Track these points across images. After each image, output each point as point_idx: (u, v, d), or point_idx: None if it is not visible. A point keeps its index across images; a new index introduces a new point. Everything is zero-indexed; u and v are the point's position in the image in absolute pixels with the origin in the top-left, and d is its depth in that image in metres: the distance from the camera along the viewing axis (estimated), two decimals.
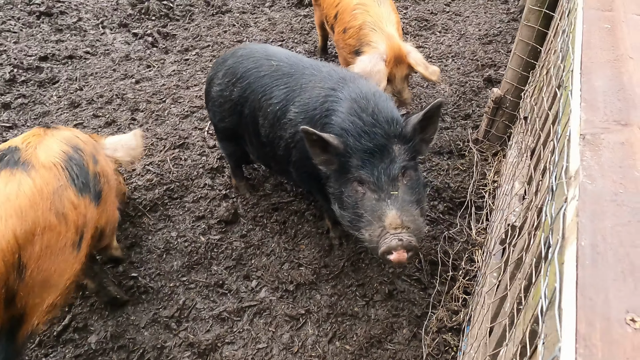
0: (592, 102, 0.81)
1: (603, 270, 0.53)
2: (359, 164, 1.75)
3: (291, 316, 2.26)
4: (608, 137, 0.73)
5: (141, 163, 3.08)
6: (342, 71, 2.16)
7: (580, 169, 0.66)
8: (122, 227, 2.66)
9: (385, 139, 1.75)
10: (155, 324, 2.24)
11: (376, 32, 2.86)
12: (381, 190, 1.71)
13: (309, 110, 2.03)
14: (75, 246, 1.64)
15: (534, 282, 0.98)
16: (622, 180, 0.65)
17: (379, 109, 1.82)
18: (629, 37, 1.01)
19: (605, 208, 0.61)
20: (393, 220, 1.65)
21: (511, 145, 2.56)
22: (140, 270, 2.46)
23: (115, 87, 3.81)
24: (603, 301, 0.50)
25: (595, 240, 0.56)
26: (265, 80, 2.23)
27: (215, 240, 2.63)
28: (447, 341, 2.06)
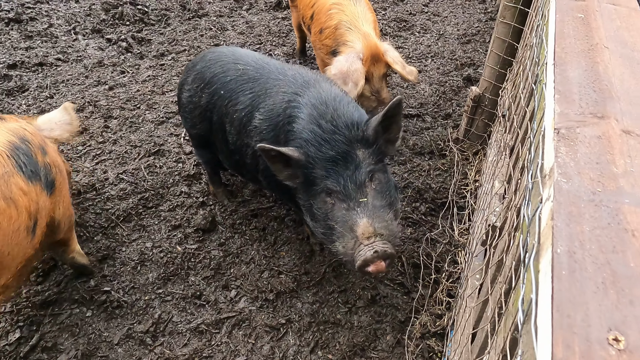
0: (567, 94, 0.76)
1: (581, 281, 0.47)
2: (323, 174, 1.67)
3: (271, 326, 2.18)
4: (584, 131, 0.68)
5: (114, 172, 2.97)
6: (307, 74, 2.08)
7: (555, 166, 0.61)
8: (93, 240, 2.55)
9: (347, 145, 1.68)
10: (129, 340, 2.14)
11: (352, 31, 2.82)
12: (349, 199, 1.63)
13: (273, 116, 1.95)
14: (30, 231, 1.68)
15: (514, 287, 0.93)
16: (600, 178, 0.60)
17: (337, 114, 1.74)
18: (603, 26, 0.97)
19: (583, 209, 0.56)
20: (365, 229, 1.57)
21: (491, 143, 2.53)
22: (113, 283, 2.36)
23: (88, 94, 3.69)
24: (582, 318, 0.44)
25: (572, 246, 0.51)
26: (232, 85, 2.16)
27: (192, 249, 2.54)
28: (431, 347, 2.00)
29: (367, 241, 1.55)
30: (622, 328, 0.44)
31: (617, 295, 0.46)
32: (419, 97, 3.75)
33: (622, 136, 0.67)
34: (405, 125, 3.46)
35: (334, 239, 1.66)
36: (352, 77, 2.65)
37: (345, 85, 2.71)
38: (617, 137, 0.67)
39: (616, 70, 0.82)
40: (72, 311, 2.22)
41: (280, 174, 1.76)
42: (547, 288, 0.47)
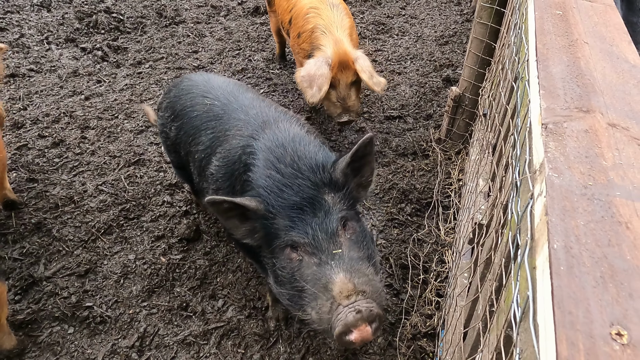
0: (552, 89, 0.77)
1: (580, 277, 0.47)
2: (287, 224, 1.40)
3: (261, 335, 2.15)
4: (571, 125, 0.68)
5: (93, 183, 2.90)
6: (268, 113, 1.85)
7: (546, 161, 0.61)
8: (73, 254, 2.47)
9: (312, 189, 1.44)
10: (114, 356, 2.07)
11: (326, 35, 2.83)
12: (320, 251, 1.35)
13: (228, 164, 1.74)
14: None
15: (505, 284, 0.93)
16: (591, 172, 0.60)
17: (298, 155, 1.52)
18: (582, 22, 0.99)
19: (576, 204, 0.55)
20: (343, 286, 1.27)
21: (473, 142, 2.56)
22: (95, 298, 2.29)
23: (63, 105, 3.60)
24: (584, 314, 0.43)
25: (568, 241, 0.50)
26: (196, 122, 2.00)
27: (177, 260, 2.48)
28: (422, 347, 2.00)
29: (346, 301, 1.25)
30: (624, 322, 0.43)
31: (616, 289, 0.46)
32: (399, 99, 3.78)
33: (609, 129, 0.67)
34: (387, 127, 3.48)
35: (304, 304, 1.36)
36: (317, 82, 2.68)
37: (310, 88, 2.73)
38: (604, 130, 0.67)
39: (597, 65, 0.83)
40: (53, 329, 2.14)
41: (237, 231, 1.50)
42: (547, 285, 0.47)
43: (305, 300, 1.36)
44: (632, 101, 0.74)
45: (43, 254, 2.46)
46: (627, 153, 0.62)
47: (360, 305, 1.24)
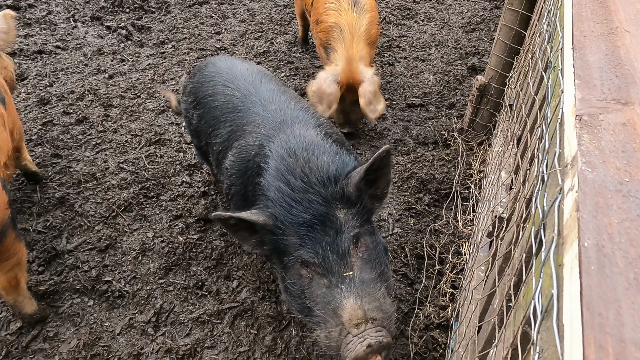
0: (588, 79, 0.73)
1: (612, 277, 0.44)
2: (296, 241, 1.34)
3: (274, 317, 2.17)
4: (607, 118, 0.64)
5: (114, 161, 2.95)
6: (287, 110, 1.77)
7: (579, 154, 0.58)
8: (94, 229, 2.53)
9: (323, 205, 1.35)
10: (131, 330, 2.13)
11: (342, 45, 2.84)
12: (330, 274, 1.29)
13: (242, 161, 1.70)
14: (4, 128, 2.07)
15: (525, 280, 0.91)
16: (627, 167, 0.57)
17: (310, 167, 1.43)
18: (623, 9, 0.93)
19: (610, 200, 0.53)
20: (353, 314, 1.23)
21: (497, 133, 2.50)
22: (114, 273, 2.34)
23: (87, 83, 3.65)
24: (615, 317, 0.41)
25: (600, 239, 0.48)
26: (217, 112, 1.96)
27: (193, 239, 2.52)
28: (435, 338, 1.99)
29: (356, 330, 1.22)
30: None
31: None
32: (422, 87, 3.71)
33: None
34: (408, 115, 3.42)
35: (313, 324, 1.35)
36: (326, 99, 2.74)
37: (320, 104, 2.81)
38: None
39: (639, 55, 0.78)
40: (74, 301, 2.21)
41: (246, 242, 1.46)
42: (575, 284, 0.45)
43: (313, 320, 1.34)
44: None
45: (65, 228, 2.52)
46: None
47: (370, 337, 1.21)
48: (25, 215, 2.58)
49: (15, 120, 2.35)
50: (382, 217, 2.63)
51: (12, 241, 1.82)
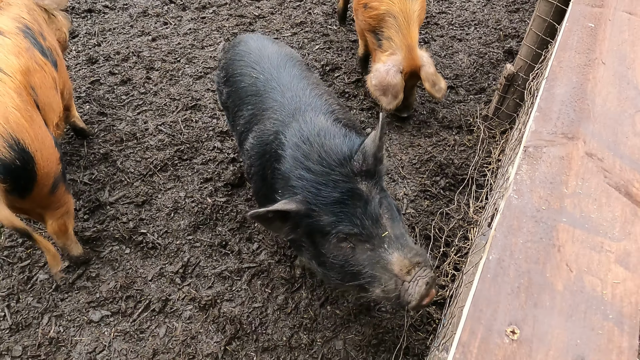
0: (547, 112, 0.81)
1: (501, 284, 0.57)
2: (332, 219, 1.48)
3: (287, 279, 2.38)
4: (550, 151, 0.74)
5: (154, 123, 3.17)
6: (302, 97, 1.88)
7: (512, 183, 0.69)
8: (133, 185, 2.79)
9: (348, 182, 1.49)
10: (161, 278, 2.40)
11: (399, 33, 2.83)
12: (371, 238, 1.46)
13: (261, 145, 1.84)
14: (56, 91, 2.25)
15: None
16: (549, 197, 0.67)
17: (325, 151, 1.56)
18: (609, 38, 0.98)
19: (523, 224, 0.64)
20: (402, 265, 1.42)
21: (516, 126, 2.53)
22: (149, 227, 2.61)
23: (132, 44, 3.86)
24: (491, 313, 0.54)
25: (503, 255, 0.60)
26: (242, 93, 2.08)
27: (221, 202, 2.74)
28: (430, 314, 2.15)
29: (409, 276, 1.41)
30: (521, 324, 0.54)
31: (526, 298, 0.56)
32: (455, 68, 3.70)
33: (584, 158, 0.73)
34: None
35: (363, 285, 1.50)
36: (391, 91, 2.78)
37: (384, 96, 2.85)
38: (579, 159, 0.73)
39: (603, 90, 0.85)
40: (113, 248, 2.50)
41: (280, 231, 1.57)
42: (474, 287, 0.58)
43: (363, 281, 1.50)
44: (620, 131, 0.78)
45: (108, 182, 2.80)
46: (590, 183, 0.69)
47: (423, 276, 1.40)
48: (74, 167, 2.86)
49: (66, 81, 2.55)
50: (397, 197, 2.75)
51: (62, 193, 2.08)
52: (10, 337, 2.13)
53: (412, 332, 2.12)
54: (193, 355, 2.10)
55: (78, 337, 2.16)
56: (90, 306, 2.26)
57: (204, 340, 2.16)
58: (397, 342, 2.10)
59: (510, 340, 0.52)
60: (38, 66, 2.09)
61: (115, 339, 2.16)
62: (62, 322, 2.20)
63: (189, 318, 2.24)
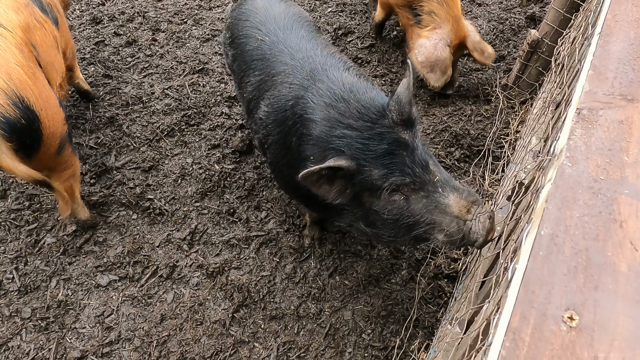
0: (602, 71, 0.72)
1: (555, 263, 0.51)
2: (383, 172, 1.44)
3: (295, 249, 2.35)
4: (607, 114, 0.66)
5: (160, 86, 3.08)
6: (315, 57, 1.81)
7: (565, 148, 0.61)
8: (139, 150, 2.73)
9: (392, 132, 1.46)
10: (168, 244, 2.38)
11: (443, 6, 2.68)
12: (426, 184, 1.44)
13: (278, 111, 1.76)
14: (58, 50, 2.16)
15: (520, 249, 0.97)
16: (607, 166, 0.60)
17: (363, 106, 1.52)
18: None
19: (579, 195, 0.57)
20: (461, 206, 1.41)
21: (539, 95, 2.41)
22: (156, 192, 2.56)
23: (137, 4, 3.70)
24: (545, 296, 0.48)
25: (556, 230, 0.53)
26: (247, 57, 1.98)
27: (229, 169, 2.68)
28: (441, 287, 2.11)
29: (470, 215, 1.41)
30: (580, 309, 0.48)
31: (584, 279, 0.50)
32: None
33: None
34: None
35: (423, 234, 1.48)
36: (439, 66, 2.65)
37: (432, 73, 2.72)
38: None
39: None
40: (120, 213, 2.47)
41: (328, 194, 1.52)
42: (522, 265, 0.52)
43: (420, 230, 1.48)
44: None
45: (114, 147, 2.74)
46: None
47: (483, 212, 1.40)
48: (79, 131, 2.80)
49: (68, 40, 2.46)
50: None
51: (69, 154, 2.03)
52: (19, 299, 2.13)
53: (423, 304, 2.09)
54: (201, 321, 2.10)
55: (86, 300, 2.16)
56: (98, 270, 2.25)
57: (211, 307, 2.15)
58: (406, 315, 2.08)
59: (568, 327, 0.47)
60: (38, 23, 1.99)
61: (123, 303, 2.16)
62: (71, 286, 2.20)
63: (197, 285, 2.23)
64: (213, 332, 2.06)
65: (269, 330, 2.09)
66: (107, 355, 2.01)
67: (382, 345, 2.02)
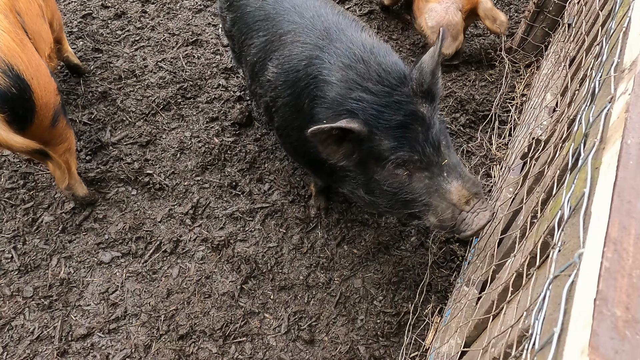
0: None
1: None
2: (394, 144, 1.38)
3: (302, 219, 2.30)
4: None
5: (153, 59, 2.97)
6: (327, 16, 1.70)
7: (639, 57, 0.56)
8: (135, 125, 2.64)
9: (411, 103, 1.37)
10: (170, 219, 2.31)
11: None
12: (432, 165, 1.39)
13: (290, 71, 1.65)
14: (44, 19, 2.08)
15: (554, 194, 0.93)
16: None
17: (384, 70, 1.42)
18: None
19: None
20: (461, 195, 1.37)
21: (548, 55, 2.35)
22: (155, 167, 2.49)
23: None
24: None
25: None
26: (249, 19, 1.88)
27: (229, 142, 2.60)
28: (453, 251, 2.09)
29: (468, 207, 1.37)
30: None
31: None
32: None
33: None
34: None
35: (417, 213, 1.46)
36: (451, 31, 2.54)
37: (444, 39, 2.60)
38: None
39: None
40: (119, 189, 2.39)
41: (334, 155, 1.47)
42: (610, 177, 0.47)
43: (418, 208, 1.44)
44: None
45: (109, 122, 2.64)
46: None
47: (484, 209, 1.37)
48: (71, 107, 2.70)
49: (54, 10, 2.35)
50: None
51: (63, 127, 1.94)
52: (20, 278, 2.07)
53: (435, 269, 2.06)
54: (209, 294, 2.06)
55: (89, 277, 2.10)
56: (99, 247, 2.19)
57: (219, 280, 2.10)
58: (418, 280, 2.05)
59: None
60: None
61: (128, 279, 2.11)
62: (72, 264, 2.13)
63: (202, 259, 2.18)
64: (222, 304, 2.02)
65: (279, 300, 2.05)
66: (114, 331, 1.96)
67: (395, 311, 2.00)
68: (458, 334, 1.40)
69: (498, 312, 1.05)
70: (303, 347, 1.94)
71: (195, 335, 1.95)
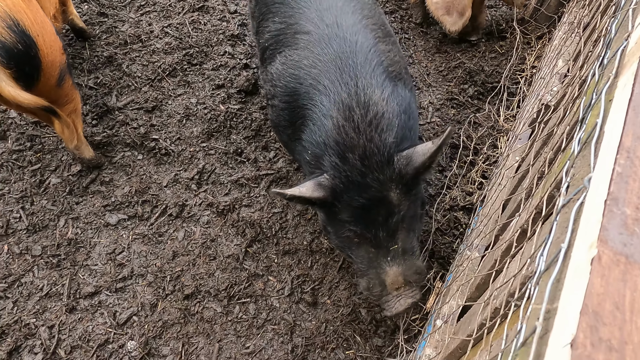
0: None
1: None
2: (350, 220, 1.40)
3: None
4: None
5: (159, 25, 2.93)
6: (346, 34, 1.53)
7: None
8: (141, 90, 2.63)
9: (380, 191, 1.36)
10: (176, 184, 2.33)
11: None
12: (379, 246, 1.42)
13: (292, 79, 1.58)
14: None
15: (563, 149, 0.92)
16: None
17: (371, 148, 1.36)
18: None
19: None
20: (395, 280, 1.43)
21: (561, 24, 2.31)
22: (160, 133, 2.49)
23: None
24: None
25: None
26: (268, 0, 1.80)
27: (234, 109, 2.60)
28: (457, 218, 2.10)
29: (396, 292, 1.44)
30: None
31: None
32: None
33: None
34: None
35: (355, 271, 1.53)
36: (456, 7, 2.44)
37: (448, 15, 2.52)
38: None
39: None
40: (125, 153, 2.40)
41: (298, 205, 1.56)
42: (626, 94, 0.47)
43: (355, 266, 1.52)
44: None
45: (115, 87, 2.63)
46: None
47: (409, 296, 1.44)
48: (77, 71, 2.69)
49: None
50: (422, 105, 2.60)
51: (69, 86, 1.94)
52: (29, 238, 2.10)
53: (438, 235, 2.08)
54: (214, 256, 2.09)
55: (96, 238, 2.13)
56: (106, 210, 2.21)
57: (224, 243, 2.13)
58: (421, 246, 2.07)
59: None
60: None
61: (134, 241, 2.13)
62: (79, 225, 2.16)
63: (207, 223, 2.20)
64: (227, 266, 2.06)
65: (283, 264, 2.08)
66: (120, 290, 2.00)
67: None
68: (459, 295, 1.42)
69: (501, 267, 1.06)
70: (306, 309, 1.97)
71: (201, 296, 1.98)
